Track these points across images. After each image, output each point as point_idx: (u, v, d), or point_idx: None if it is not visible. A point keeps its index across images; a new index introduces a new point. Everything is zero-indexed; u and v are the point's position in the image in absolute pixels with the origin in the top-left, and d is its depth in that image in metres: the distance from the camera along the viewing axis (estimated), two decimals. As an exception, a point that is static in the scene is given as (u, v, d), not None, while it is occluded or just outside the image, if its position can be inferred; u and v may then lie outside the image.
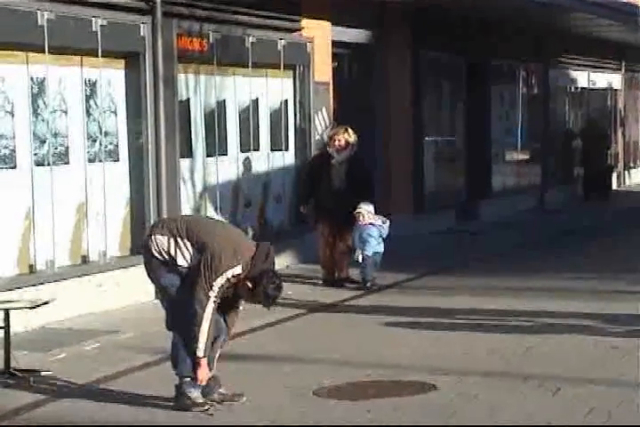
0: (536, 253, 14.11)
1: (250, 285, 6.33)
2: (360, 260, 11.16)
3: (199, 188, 11.58)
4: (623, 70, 25.38)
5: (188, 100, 11.39)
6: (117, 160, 10.48)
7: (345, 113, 13.69)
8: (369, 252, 11.12)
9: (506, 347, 8.17)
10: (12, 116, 9.23)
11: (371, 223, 11.12)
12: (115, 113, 10.43)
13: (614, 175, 24.22)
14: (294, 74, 13.12)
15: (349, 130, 11.38)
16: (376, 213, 11.24)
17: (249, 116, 12.27)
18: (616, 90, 25.36)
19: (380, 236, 11.18)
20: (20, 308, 7.72)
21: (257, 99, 12.48)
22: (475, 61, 17.74)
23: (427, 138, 16.39)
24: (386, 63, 15.06)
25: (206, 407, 6.45)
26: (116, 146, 10.46)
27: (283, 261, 12.62)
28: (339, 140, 11.32)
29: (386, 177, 14.97)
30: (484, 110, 18.31)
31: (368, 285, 11.21)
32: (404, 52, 15.45)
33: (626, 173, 25.72)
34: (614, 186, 23.89)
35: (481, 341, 8.44)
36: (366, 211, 11.10)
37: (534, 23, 18.20)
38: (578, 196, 22.15)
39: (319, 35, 13.27)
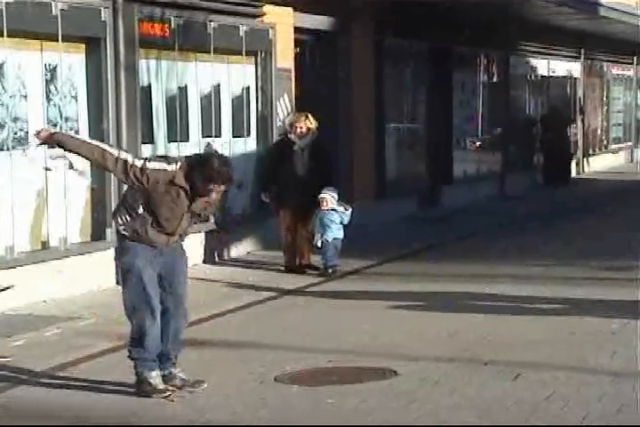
0: (498, 238, 14.17)
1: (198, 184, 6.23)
2: (319, 245, 11.19)
3: (160, 174, 11.51)
4: (582, 58, 25.52)
5: (150, 85, 11.32)
6: (78, 146, 10.38)
7: (307, 99, 13.66)
8: (329, 237, 11.15)
9: (467, 332, 8.21)
10: (-29, 100, 9.16)
11: (333, 209, 11.15)
12: (75, 98, 10.35)
13: (573, 163, 24.37)
14: (256, 60, 13.07)
15: (310, 116, 11.38)
16: (339, 199, 11.27)
17: (211, 102, 12.22)
18: (575, 78, 25.49)
19: (341, 222, 11.21)
20: (-20, 294, 7.67)
21: (219, 85, 12.43)
22: (437, 49, 17.77)
23: (389, 124, 16.42)
24: (349, 50, 15.03)
25: (167, 394, 6.45)
26: (77, 131, 10.37)
27: (244, 248, 12.63)
28: (300, 128, 11.31)
29: (349, 163, 14.98)
30: (446, 97, 18.36)
31: (330, 271, 11.23)
32: (367, 39, 15.43)
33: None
34: (573, 173, 24.04)
35: (442, 326, 8.47)
36: (330, 196, 11.13)
37: (496, 11, 18.23)
38: (538, 182, 22.29)
39: (281, 21, 13.22)
